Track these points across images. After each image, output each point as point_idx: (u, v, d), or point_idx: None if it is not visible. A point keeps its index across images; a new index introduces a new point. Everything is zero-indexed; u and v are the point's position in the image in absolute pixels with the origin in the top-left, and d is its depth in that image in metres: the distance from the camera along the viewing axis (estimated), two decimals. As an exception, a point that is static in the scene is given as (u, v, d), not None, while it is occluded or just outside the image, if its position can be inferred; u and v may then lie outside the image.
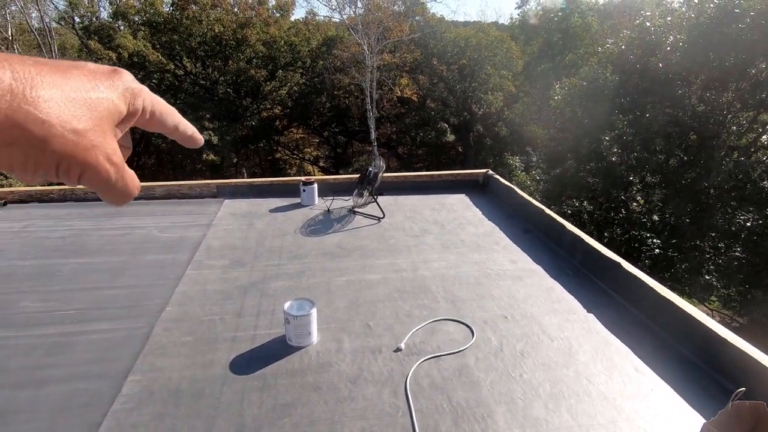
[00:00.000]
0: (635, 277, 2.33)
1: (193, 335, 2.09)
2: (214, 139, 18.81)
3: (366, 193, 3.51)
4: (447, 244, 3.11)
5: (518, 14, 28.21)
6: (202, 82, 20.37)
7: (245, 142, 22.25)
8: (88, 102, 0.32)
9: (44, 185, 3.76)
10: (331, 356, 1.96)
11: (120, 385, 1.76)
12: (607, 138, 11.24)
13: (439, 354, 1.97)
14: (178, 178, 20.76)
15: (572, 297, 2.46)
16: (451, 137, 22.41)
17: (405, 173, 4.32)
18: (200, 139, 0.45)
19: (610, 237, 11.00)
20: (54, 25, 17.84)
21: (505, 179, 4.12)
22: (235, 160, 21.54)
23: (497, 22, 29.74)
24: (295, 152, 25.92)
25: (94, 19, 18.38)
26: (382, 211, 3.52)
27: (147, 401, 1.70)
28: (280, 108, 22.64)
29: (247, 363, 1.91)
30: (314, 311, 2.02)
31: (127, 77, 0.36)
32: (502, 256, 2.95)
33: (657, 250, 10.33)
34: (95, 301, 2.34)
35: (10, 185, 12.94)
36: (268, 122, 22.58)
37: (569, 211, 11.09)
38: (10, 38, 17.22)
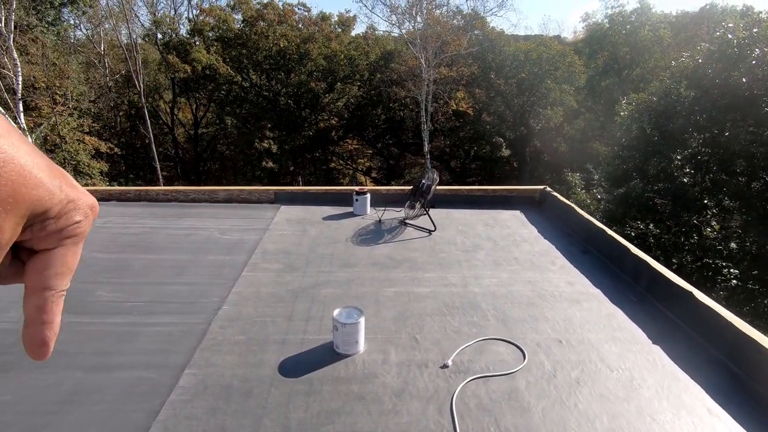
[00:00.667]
0: (710, 308, 2.13)
1: (246, 335, 2.17)
2: (274, 148, 19.67)
3: (418, 205, 3.50)
4: (499, 261, 3.02)
5: (582, 27, 27.27)
6: (265, 93, 21.45)
7: (302, 151, 23.06)
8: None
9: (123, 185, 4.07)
10: (377, 367, 1.95)
11: (178, 377, 1.86)
12: (678, 157, 10.47)
13: (487, 374, 1.90)
14: (239, 183, 21.92)
15: (636, 326, 2.29)
16: (506, 152, 21.92)
17: (458, 186, 4.26)
18: (44, 353, 0.31)
19: (679, 263, 10.17)
20: (139, 41, 19.62)
21: (563, 197, 3.95)
22: (291, 168, 22.36)
23: (560, 36, 28.92)
24: (349, 162, 26.50)
25: (174, 35, 20.02)
26: (434, 224, 3.49)
27: (201, 395, 1.77)
28: (336, 119, 23.32)
29: (295, 366, 1.95)
30: (362, 320, 2.03)
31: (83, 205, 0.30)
32: (558, 277, 2.81)
33: (735, 281, 9.40)
34: (160, 295, 2.50)
35: (93, 184, 14.25)
36: (325, 133, 23.29)
37: (633, 234, 10.39)
38: (102, 53, 19.14)
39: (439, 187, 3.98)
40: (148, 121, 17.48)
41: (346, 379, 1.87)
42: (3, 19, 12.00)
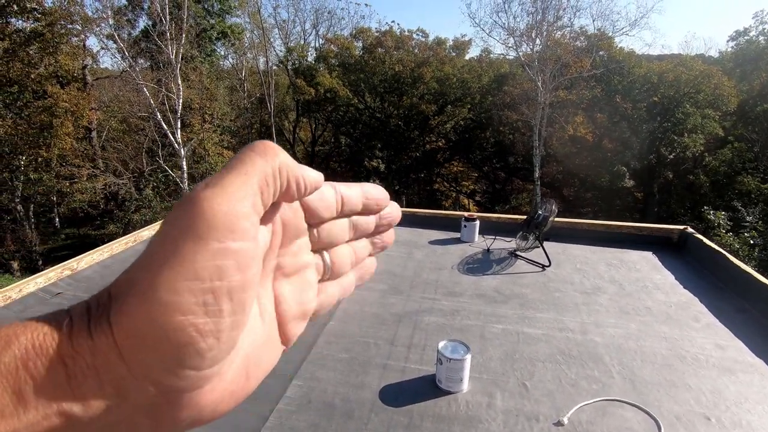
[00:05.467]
0: None
1: (349, 353, 2.19)
2: (382, 167, 20.42)
3: (532, 238, 3.28)
4: (627, 308, 2.66)
5: (732, 46, 23.83)
6: (378, 115, 22.50)
7: (408, 171, 23.59)
8: None
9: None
10: (482, 411, 1.82)
11: (285, 386, 1.94)
12: None
13: (612, 443, 1.64)
14: (346, 199, 23.08)
15: (818, 415, 1.81)
16: (629, 182, 19.82)
17: (577, 220, 3.91)
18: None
19: None
20: (274, 68, 22.10)
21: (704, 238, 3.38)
22: (396, 188, 22.96)
23: (704, 55, 25.45)
24: (453, 184, 26.36)
25: (302, 61, 22.17)
26: (549, 259, 3.23)
27: (305, 408, 1.82)
28: (443, 141, 23.46)
29: (396, 395, 1.91)
30: (469, 357, 1.92)
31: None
32: (704, 337, 2.37)
33: None
34: (275, 303, 2.67)
35: (226, 192, 16.20)
36: (431, 154, 23.56)
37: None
38: (243, 78, 21.94)
39: (555, 219, 3.69)
40: (275, 138, 19.44)
41: (448, 419, 1.77)
42: (174, 51, 14.46)
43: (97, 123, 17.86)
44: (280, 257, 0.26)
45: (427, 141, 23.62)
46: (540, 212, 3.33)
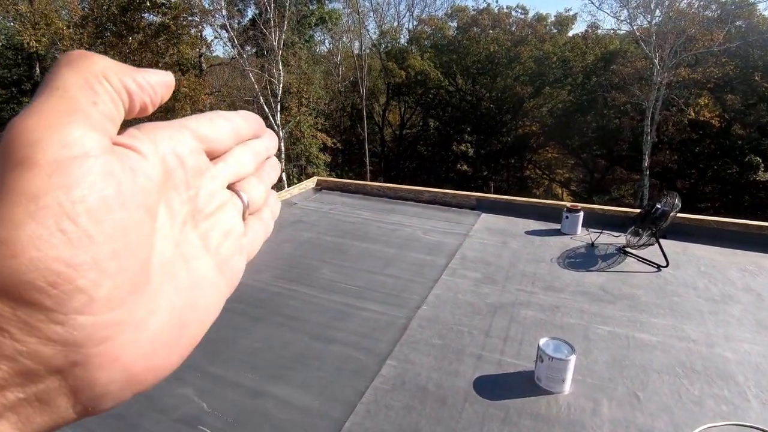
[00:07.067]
0: None
1: (443, 340, 2.18)
2: (470, 152, 19.88)
3: (646, 234, 2.95)
4: (766, 323, 2.29)
5: None
6: (468, 98, 21.82)
7: (497, 156, 22.68)
8: None
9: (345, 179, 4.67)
10: (585, 417, 1.70)
11: (380, 365, 1.99)
12: None
13: (747, 475, 1.44)
14: (432, 182, 22.98)
15: None
16: (763, 176, 16.96)
17: (703, 217, 3.43)
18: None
19: None
20: (367, 51, 22.42)
21: None
22: (484, 173, 22.25)
23: None
24: (546, 172, 24.79)
25: (395, 43, 22.18)
26: (666, 259, 2.89)
27: (399, 388, 1.85)
28: (538, 125, 22.07)
29: (491, 387, 1.86)
30: (573, 358, 1.80)
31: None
32: None
33: None
34: (370, 282, 2.74)
35: (319, 174, 17.02)
36: (524, 139, 22.34)
37: None
38: (338, 63, 22.60)
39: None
40: (365, 121, 19.88)
41: (548, 420, 1.68)
42: (277, 38, 15.35)
43: (210, 106, 19.81)
44: (191, 196, 0.24)
45: (519, 125, 22.41)
46: (658, 206, 2.98)
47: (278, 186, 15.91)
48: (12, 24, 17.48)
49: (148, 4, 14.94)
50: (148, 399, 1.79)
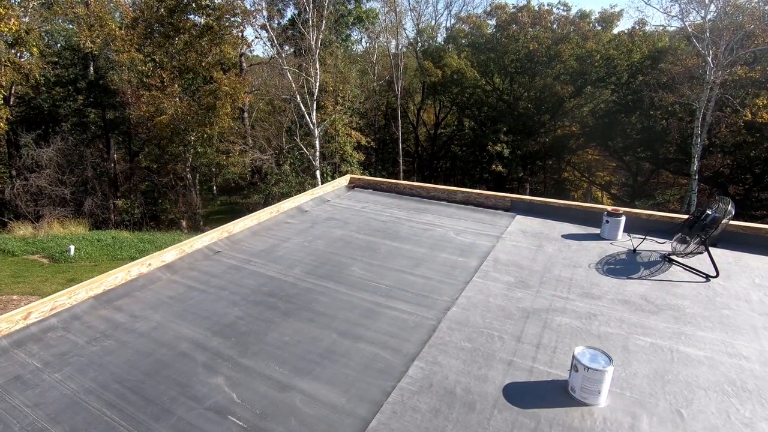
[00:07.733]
0: None
1: (473, 343, 2.13)
2: (506, 152, 19.46)
3: (694, 241, 2.78)
4: (830, 342, 2.10)
5: None
6: (505, 97, 21.37)
7: (534, 158, 22.10)
8: None
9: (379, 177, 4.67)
10: (623, 432, 1.61)
11: (408, 366, 1.97)
12: None
13: (804, 508, 1.32)
14: (465, 183, 22.67)
15: None
16: (829, 182, 15.69)
17: (760, 225, 3.20)
18: None
19: None
20: (403, 50, 22.38)
21: None
22: (520, 174, 21.73)
23: None
24: (585, 174, 23.94)
25: (431, 42, 22.02)
26: (716, 269, 2.71)
27: (426, 391, 1.82)
28: (578, 126, 21.34)
29: (521, 395, 1.80)
30: (611, 369, 1.71)
31: None
32: None
33: None
34: (399, 282, 2.72)
35: (352, 172, 17.13)
36: (563, 140, 21.66)
37: None
38: (374, 62, 22.67)
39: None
40: (399, 120, 19.85)
41: (582, 432, 1.61)
42: (314, 38, 15.57)
43: (248, 105, 20.37)
44: None
45: (558, 126, 21.74)
46: (709, 212, 2.80)
47: (312, 183, 16.16)
48: (70, 26, 18.61)
49: (194, 5, 15.51)
50: (182, 386, 1.85)
